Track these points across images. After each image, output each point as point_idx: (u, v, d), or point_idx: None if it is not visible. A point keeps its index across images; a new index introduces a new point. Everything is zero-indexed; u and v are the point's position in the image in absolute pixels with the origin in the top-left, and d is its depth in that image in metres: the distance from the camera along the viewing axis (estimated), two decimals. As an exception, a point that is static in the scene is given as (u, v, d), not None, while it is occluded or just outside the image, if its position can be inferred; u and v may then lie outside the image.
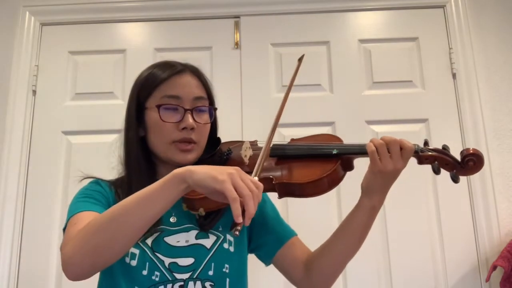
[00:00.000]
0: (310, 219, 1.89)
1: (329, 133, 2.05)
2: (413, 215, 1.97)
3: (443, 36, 2.17)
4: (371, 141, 0.99)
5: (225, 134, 1.22)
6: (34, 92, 2.17)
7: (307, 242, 1.17)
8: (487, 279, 1.79)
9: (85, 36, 2.25)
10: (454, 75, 2.12)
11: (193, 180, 0.82)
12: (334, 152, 1.01)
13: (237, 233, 0.77)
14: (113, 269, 1.00)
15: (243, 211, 0.78)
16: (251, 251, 1.19)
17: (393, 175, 0.98)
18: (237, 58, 2.19)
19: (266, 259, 1.18)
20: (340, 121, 2.09)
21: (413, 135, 2.03)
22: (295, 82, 2.34)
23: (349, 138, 2.12)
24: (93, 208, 0.99)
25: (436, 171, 0.96)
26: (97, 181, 1.12)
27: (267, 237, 1.17)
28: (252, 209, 0.78)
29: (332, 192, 2.04)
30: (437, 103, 2.09)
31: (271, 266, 1.19)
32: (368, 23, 2.22)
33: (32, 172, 2.08)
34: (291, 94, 1.16)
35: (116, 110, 1.18)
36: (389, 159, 0.96)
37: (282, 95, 1.18)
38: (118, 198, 1.06)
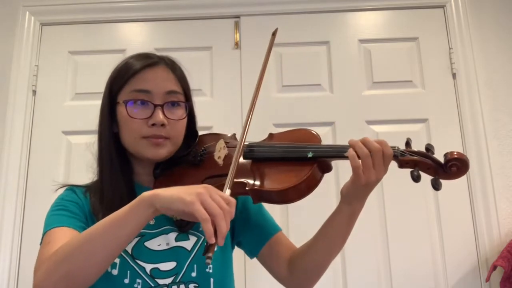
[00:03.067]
0: (309, 217, 1.88)
1: (328, 133, 2.07)
2: (413, 215, 1.97)
3: (443, 36, 2.17)
4: (355, 149, 0.91)
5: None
6: (34, 92, 2.17)
7: (305, 239, 1.16)
8: (487, 279, 1.79)
9: (85, 36, 2.25)
10: (454, 75, 2.11)
11: (161, 204, 0.80)
12: (309, 155, 0.95)
13: (209, 261, 0.74)
14: None
15: (216, 231, 0.75)
16: (236, 245, 1.17)
17: (375, 183, 0.93)
18: (237, 58, 2.19)
19: (250, 255, 1.16)
20: (340, 121, 2.09)
21: (413, 135, 2.02)
22: (295, 82, 2.33)
23: (349, 138, 2.11)
24: (67, 223, 0.98)
25: (415, 179, 0.88)
26: (72, 189, 1.09)
27: (250, 234, 1.14)
28: (224, 229, 0.76)
29: (331, 189, 2.03)
30: (437, 103, 2.09)
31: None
32: (368, 23, 2.22)
33: (32, 172, 2.08)
34: (291, 94, 1.14)
35: (116, 110, 1.16)
36: (372, 170, 0.90)
37: (282, 95, 1.16)
38: (92, 203, 1.04)
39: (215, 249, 0.75)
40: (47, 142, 2.11)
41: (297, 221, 1.93)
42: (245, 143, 1.01)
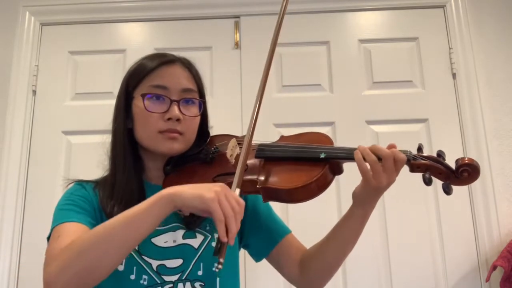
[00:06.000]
0: (310, 219, 1.88)
1: (328, 133, 2.06)
2: (413, 215, 1.96)
3: (443, 36, 2.17)
4: (363, 155, 0.92)
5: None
6: (34, 92, 2.17)
7: (307, 242, 1.16)
8: (487, 279, 1.79)
9: (85, 36, 2.25)
10: (454, 75, 2.11)
11: (182, 201, 0.83)
12: (322, 156, 0.96)
13: (220, 266, 0.77)
14: None
15: (227, 231, 0.79)
16: (242, 247, 1.18)
17: (386, 187, 0.95)
18: (237, 58, 2.19)
19: (258, 257, 1.17)
20: (340, 121, 2.09)
21: (413, 135, 2.04)
22: (295, 82, 2.33)
23: (349, 138, 2.12)
24: (77, 218, 0.97)
25: (427, 182, 0.91)
26: (81, 184, 1.09)
27: (259, 236, 1.15)
28: (235, 229, 0.79)
29: (332, 192, 2.03)
30: (437, 103, 2.09)
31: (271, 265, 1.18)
32: (368, 23, 2.22)
33: (32, 172, 2.08)
34: (291, 94, 1.13)
35: (116, 110, 1.16)
36: (383, 174, 0.92)
37: (283, 95, 1.16)
38: (100, 199, 1.04)
39: (225, 253, 0.78)
40: (47, 142, 2.11)
41: (297, 214, 1.93)
42: (257, 143, 1.03)
